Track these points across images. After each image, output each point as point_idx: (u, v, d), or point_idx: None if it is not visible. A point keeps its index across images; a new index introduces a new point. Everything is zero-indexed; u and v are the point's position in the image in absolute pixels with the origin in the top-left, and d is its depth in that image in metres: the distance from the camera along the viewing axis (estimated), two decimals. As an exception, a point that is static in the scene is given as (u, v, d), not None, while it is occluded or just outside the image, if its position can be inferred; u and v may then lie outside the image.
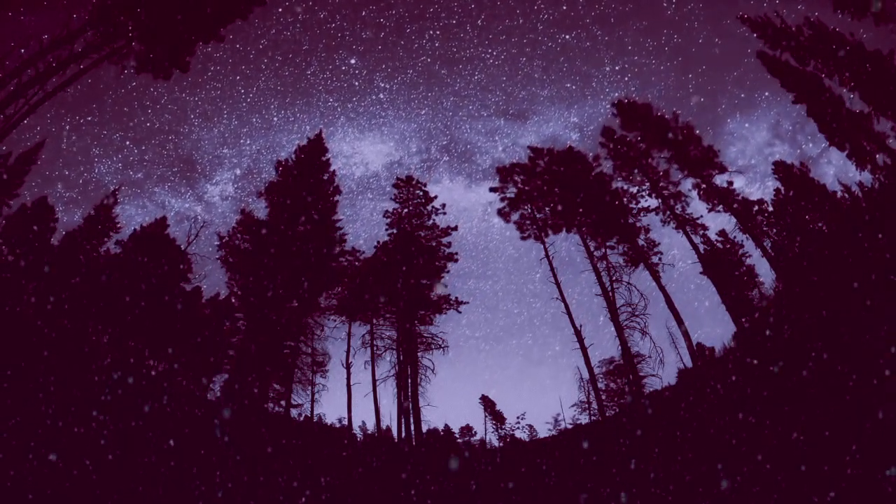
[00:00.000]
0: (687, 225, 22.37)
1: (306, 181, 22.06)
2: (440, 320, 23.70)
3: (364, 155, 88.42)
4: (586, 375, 20.36)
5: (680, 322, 19.71)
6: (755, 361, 11.21)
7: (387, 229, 23.87)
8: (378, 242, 24.03)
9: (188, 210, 78.11)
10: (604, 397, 22.26)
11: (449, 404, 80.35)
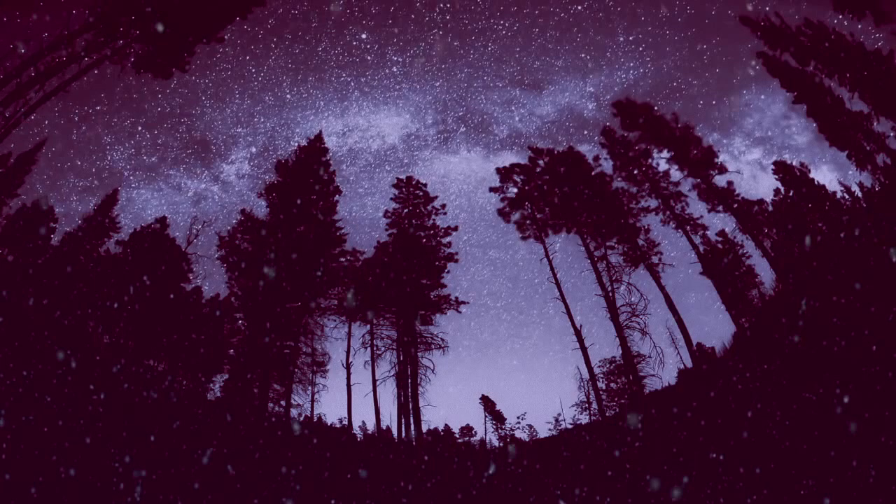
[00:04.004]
0: (687, 225, 22.38)
1: (306, 181, 22.06)
2: (441, 320, 23.68)
3: (380, 128, 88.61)
4: (586, 375, 20.36)
5: (680, 322, 19.70)
6: (754, 360, 11.22)
7: (387, 229, 23.89)
8: (378, 242, 24.05)
9: (205, 190, 78.36)
10: (604, 397, 22.25)
11: (449, 404, 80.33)
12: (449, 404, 78.80)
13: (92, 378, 11.58)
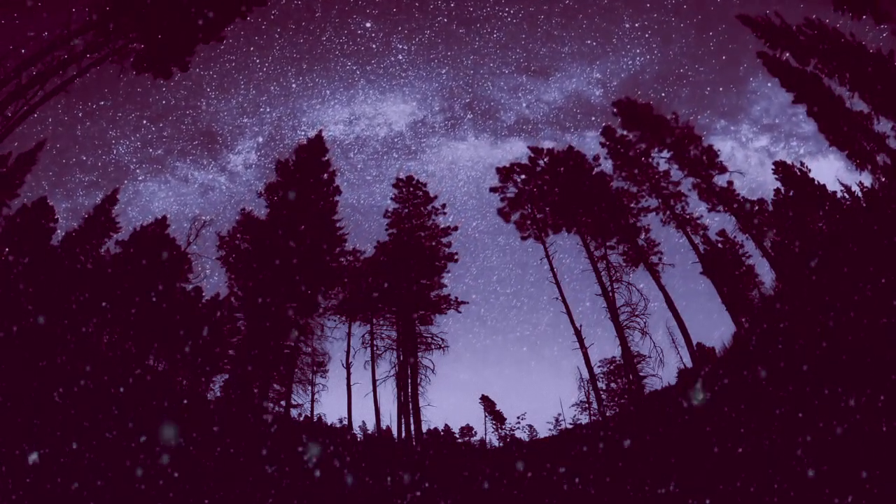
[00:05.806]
0: (687, 225, 22.38)
1: (306, 181, 22.06)
2: (441, 320, 23.69)
3: (387, 116, 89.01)
4: (586, 375, 20.35)
5: (680, 322, 19.69)
6: (754, 361, 11.20)
7: (387, 229, 23.88)
8: (378, 242, 24.04)
9: (212, 181, 78.93)
10: (604, 397, 22.25)
11: (449, 404, 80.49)
12: (449, 404, 78.91)
13: (91, 378, 11.58)
